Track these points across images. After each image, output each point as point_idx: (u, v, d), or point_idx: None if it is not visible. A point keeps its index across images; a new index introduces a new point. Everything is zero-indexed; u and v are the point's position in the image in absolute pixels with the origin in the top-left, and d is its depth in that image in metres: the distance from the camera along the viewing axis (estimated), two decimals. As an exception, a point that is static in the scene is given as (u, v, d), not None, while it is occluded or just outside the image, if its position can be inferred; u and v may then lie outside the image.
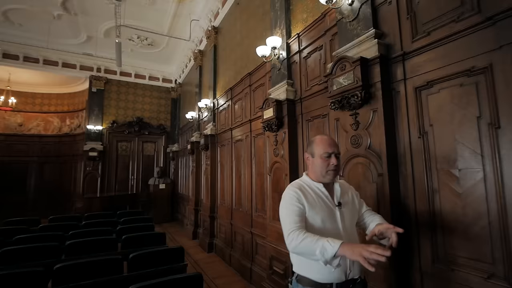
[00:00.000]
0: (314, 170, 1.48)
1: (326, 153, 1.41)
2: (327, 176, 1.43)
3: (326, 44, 2.67)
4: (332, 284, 1.29)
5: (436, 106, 1.72)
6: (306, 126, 2.91)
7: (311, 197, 1.40)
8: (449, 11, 1.66)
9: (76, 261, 2.17)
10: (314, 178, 1.48)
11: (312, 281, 1.31)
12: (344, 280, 1.29)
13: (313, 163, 1.47)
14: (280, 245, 2.99)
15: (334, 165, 1.41)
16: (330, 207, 1.41)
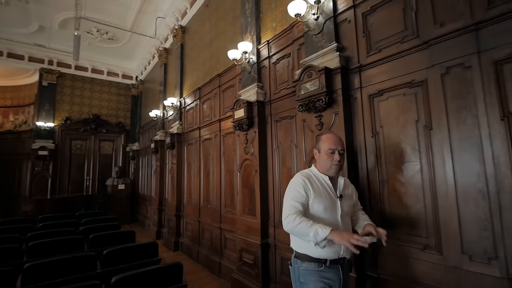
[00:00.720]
0: (321, 164, 1.66)
1: (330, 150, 1.60)
2: (331, 170, 1.61)
3: (294, 52, 2.95)
4: (326, 260, 1.52)
5: (385, 111, 2.07)
6: (274, 126, 3.16)
7: (317, 187, 1.59)
8: (396, 34, 2.03)
9: (49, 259, 2.11)
10: (321, 170, 1.66)
11: (310, 256, 1.53)
12: (337, 258, 1.53)
13: (320, 158, 1.66)
14: (250, 237, 3.20)
15: (337, 161, 1.59)
16: (333, 197, 1.60)
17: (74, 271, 2.22)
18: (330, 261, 1.52)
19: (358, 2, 2.28)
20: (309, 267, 1.53)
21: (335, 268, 1.53)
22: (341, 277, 1.55)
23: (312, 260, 1.52)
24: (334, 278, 1.53)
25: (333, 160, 1.59)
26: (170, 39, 6.81)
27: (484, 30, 1.59)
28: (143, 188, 8.57)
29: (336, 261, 1.54)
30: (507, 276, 1.43)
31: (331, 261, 1.52)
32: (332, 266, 1.53)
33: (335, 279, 1.53)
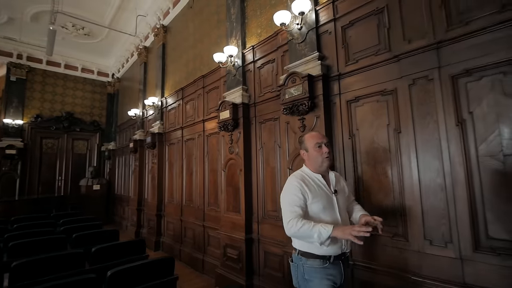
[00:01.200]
0: (311, 163, 1.68)
1: (317, 144, 1.63)
2: (323, 164, 1.63)
3: (278, 58, 3.13)
4: (331, 256, 1.55)
5: (361, 116, 2.32)
6: (259, 127, 3.32)
7: (313, 187, 1.61)
8: (371, 47, 2.28)
9: (37, 257, 2.11)
10: (313, 170, 1.68)
11: (314, 254, 1.55)
12: (340, 253, 1.57)
13: (309, 156, 1.68)
14: (234, 233, 3.34)
15: (327, 153, 1.62)
16: (329, 194, 1.63)
17: (63, 269, 2.23)
18: (333, 257, 1.55)
19: (338, 16, 2.51)
20: (314, 264, 1.55)
21: (337, 264, 1.57)
22: (342, 272, 1.59)
23: (317, 257, 1.55)
24: (336, 274, 1.57)
25: (323, 153, 1.62)
26: (151, 37, 6.75)
27: (444, 48, 1.86)
28: (119, 189, 8.36)
29: (338, 257, 1.57)
30: (459, 257, 1.71)
31: (334, 257, 1.55)
32: (335, 262, 1.56)
33: (337, 274, 1.57)
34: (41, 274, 2.08)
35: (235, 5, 3.76)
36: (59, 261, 2.26)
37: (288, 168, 2.72)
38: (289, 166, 2.71)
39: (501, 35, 1.64)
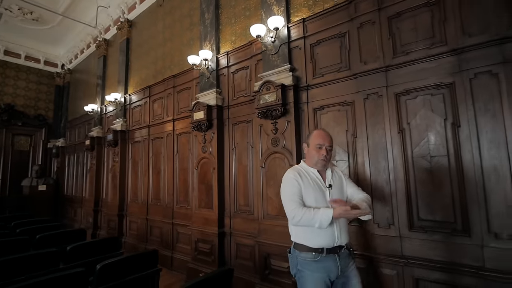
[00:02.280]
0: (309, 158, 1.77)
1: (318, 145, 1.69)
2: (318, 164, 1.71)
3: (252, 66, 3.41)
4: (323, 249, 1.58)
5: (325, 121, 2.72)
6: (232, 128, 3.56)
7: (306, 180, 1.68)
8: (334, 64, 2.69)
9: (9, 257, 2.06)
10: (309, 164, 1.76)
11: (307, 246, 1.61)
12: (332, 246, 1.59)
13: (308, 152, 1.77)
14: (207, 228, 3.52)
15: (323, 155, 1.67)
16: (322, 188, 1.68)
17: (36, 269, 2.20)
18: (326, 250, 1.58)
19: (307, 35, 2.89)
20: (307, 257, 1.60)
21: (331, 258, 1.59)
22: (338, 265, 1.59)
23: (310, 250, 1.60)
24: (331, 267, 1.59)
25: (320, 155, 1.68)
26: (113, 30, 6.48)
27: (390, 71, 2.34)
28: (70, 189, 7.80)
29: (332, 250, 1.59)
30: (399, 235, 2.19)
31: (327, 250, 1.58)
32: (329, 256, 1.58)
33: (332, 268, 1.59)
34: (13, 275, 2.04)
35: (210, 11, 3.94)
36: (31, 261, 2.22)
37: (261, 167, 3.02)
38: (262, 165, 3.01)
39: (430, 66, 2.16)
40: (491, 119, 1.91)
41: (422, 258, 2.07)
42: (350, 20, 2.60)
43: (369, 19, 2.48)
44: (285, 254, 2.65)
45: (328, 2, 2.79)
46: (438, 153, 2.10)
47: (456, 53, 2.05)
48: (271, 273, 2.81)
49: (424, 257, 2.07)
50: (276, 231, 2.80)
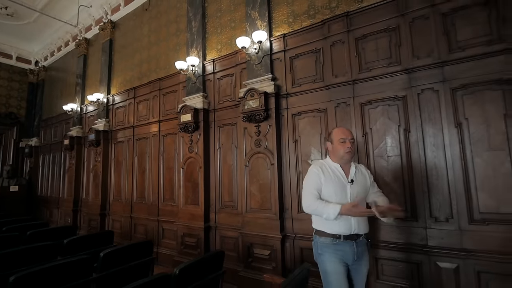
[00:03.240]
0: (334, 154, 1.89)
1: (342, 139, 1.83)
2: (344, 157, 1.83)
3: (237, 73, 3.73)
4: (341, 235, 1.75)
5: (302, 126, 3.10)
6: (218, 130, 3.85)
7: (328, 174, 1.84)
8: (310, 76, 3.09)
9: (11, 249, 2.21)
10: (334, 160, 1.90)
11: (326, 232, 1.79)
12: (349, 234, 1.75)
13: (333, 148, 1.89)
14: (193, 223, 3.78)
15: (349, 147, 1.80)
16: (343, 182, 1.81)
17: (37, 261, 2.36)
18: (344, 236, 1.75)
19: (287, 48, 3.26)
20: (326, 241, 1.79)
21: (349, 243, 1.75)
22: (355, 251, 1.75)
23: (328, 236, 1.78)
24: (348, 251, 1.75)
25: (346, 148, 1.81)
26: (94, 30, 6.48)
27: (357, 84, 2.77)
28: (45, 189, 7.62)
29: (350, 237, 1.75)
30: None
31: (344, 236, 1.75)
32: (346, 241, 1.75)
33: (348, 252, 1.75)
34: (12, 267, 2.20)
35: (197, 19, 4.20)
36: (29, 254, 2.36)
37: (245, 165, 3.34)
38: (246, 164, 3.33)
39: (388, 81, 2.61)
40: (433, 127, 2.38)
41: (383, 241, 2.49)
42: (324, 38, 3.00)
43: (340, 39, 2.90)
44: (267, 243, 3.02)
45: (305, 21, 3.19)
46: (393, 153, 2.55)
47: (408, 72, 2.52)
48: (254, 260, 3.14)
49: (385, 239, 2.50)
50: (259, 223, 3.14)
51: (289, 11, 3.33)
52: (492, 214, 2.14)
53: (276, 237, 2.98)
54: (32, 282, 1.72)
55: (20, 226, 3.41)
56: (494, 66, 2.19)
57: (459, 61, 2.31)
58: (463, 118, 2.28)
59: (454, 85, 2.32)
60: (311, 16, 3.15)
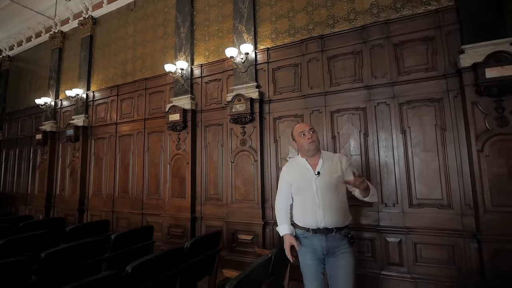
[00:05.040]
0: (301, 150, 1.90)
1: (300, 132, 1.86)
2: (310, 148, 1.82)
3: (224, 79, 4.14)
4: (309, 228, 1.78)
5: (282, 128, 3.62)
6: (204, 130, 4.22)
7: (295, 170, 1.89)
8: (290, 86, 3.62)
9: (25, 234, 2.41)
10: (303, 155, 1.91)
11: (298, 225, 1.85)
12: (316, 227, 1.75)
13: (298, 144, 1.90)
14: (180, 214, 4.11)
15: (309, 138, 1.81)
16: (309, 176, 1.80)
17: (43, 246, 2.57)
18: (312, 230, 1.76)
19: (270, 61, 3.76)
20: (299, 233, 1.85)
21: (318, 237, 1.75)
22: (323, 245, 1.74)
23: (300, 228, 1.83)
24: (316, 244, 1.75)
25: (307, 139, 1.82)
26: (72, 24, 6.40)
27: (328, 96, 3.35)
28: (8, 185, 7.31)
29: (319, 231, 1.74)
30: (330, 209, 3.19)
31: (313, 230, 1.76)
32: (315, 235, 1.75)
33: (317, 245, 1.75)
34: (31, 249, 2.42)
35: (185, 26, 4.52)
36: (33, 241, 2.56)
37: (230, 162, 3.77)
38: (232, 160, 3.77)
39: (352, 95, 3.22)
40: (385, 132, 3.04)
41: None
42: (302, 55, 3.55)
43: (315, 57, 3.47)
44: (250, 229, 3.49)
45: (286, 39, 3.71)
46: (356, 153, 3.17)
47: (368, 88, 3.15)
48: (238, 245, 3.59)
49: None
50: (243, 211, 3.59)
51: (272, 28, 3.83)
52: (425, 199, 2.84)
53: (259, 223, 3.46)
54: (59, 258, 2.00)
55: (8, 219, 3.48)
56: (429, 88, 2.90)
57: (405, 83, 2.99)
58: (407, 127, 2.96)
59: (401, 101, 3.00)
60: (291, 34, 3.69)
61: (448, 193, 2.76)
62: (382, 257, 2.91)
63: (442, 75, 2.87)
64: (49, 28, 6.90)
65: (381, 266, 2.90)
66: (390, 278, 2.84)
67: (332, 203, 1.74)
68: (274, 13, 3.84)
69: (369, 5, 3.28)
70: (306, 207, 1.79)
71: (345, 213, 1.81)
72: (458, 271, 2.64)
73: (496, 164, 2.52)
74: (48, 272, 1.90)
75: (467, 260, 2.61)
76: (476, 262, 2.57)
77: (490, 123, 2.57)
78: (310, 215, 1.76)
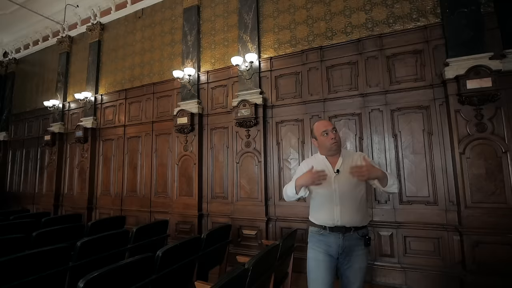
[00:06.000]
0: (322, 148, 1.84)
1: (324, 132, 1.78)
2: (332, 147, 1.76)
3: (229, 85, 4.43)
4: (326, 226, 1.72)
5: (284, 132, 3.91)
6: (210, 132, 4.50)
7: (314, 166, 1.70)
8: (291, 93, 3.91)
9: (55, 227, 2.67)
10: (322, 153, 1.85)
11: (313, 223, 1.81)
12: (333, 225, 1.69)
13: (319, 143, 1.84)
14: (187, 212, 4.38)
15: (332, 138, 1.74)
16: (328, 173, 1.68)
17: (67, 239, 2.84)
18: (329, 228, 1.71)
19: (273, 69, 4.06)
20: (313, 231, 1.81)
21: (334, 235, 1.70)
22: (340, 244, 1.68)
23: (316, 226, 1.78)
24: (332, 243, 1.70)
25: (330, 139, 1.76)
26: (80, 29, 6.64)
27: (327, 102, 3.65)
28: (16, 185, 7.49)
29: (336, 229, 1.69)
30: (328, 206, 3.50)
31: (330, 228, 1.71)
32: (332, 233, 1.71)
33: (332, 243, 1.70)
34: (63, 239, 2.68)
35: (192, 34, 4.80)
36: (60, 234, 2.82)
37: (236, 162, 4.06)
38: (237, 161, 4.05)
39: (349, 102, 3.53)
40: (378, 136, 3.35)
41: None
42: (303, 64, 3.85)
43: (315, 66, 3.78)
44: (254, 225, 3.78)
45: (288, 49, 4.01)
46: (351, 155, 3.47)
47: (362, 96, 3.46)
48: (243, 239, 3.87)
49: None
50: (247, 209, 3.88)
51: (275, 38, 4.13)
52: (413, 197, 3.15)
53: (262, 219, 3.75)
54: (91, 247, 2.27)
55: (28, 215, 3.72)
56: (418, 97, 3.22)
57: (396, 91, 3.31)
58: (398, 131, 3.28)
59: (392, 108, 3.32)
60: (293, 45, 3.99)
61: (434, 191, 3.08)
62: (375, 249, 3.22)
63: (429, 85, 3.19)
64: (56, 33, 7.13)
65: (374, 257, 3.21)
66: (382, 268, 3.15)
67: (351, 202, 1.71)
68: (277, 25, 4.14)
69: (364, 20, 3.59)
70: (323, 204, 1.75)
71: (364, 213, 1.76)
72: (442, 260, 2.95)
73: (475, 165, 2.84)
74: (82, 258, 2.17)
75: (451, 250, 2.93)
76: (458, 253, 2.89)
77: (470, 128, 2.89)
78: (327, 213, 1.72)
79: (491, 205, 2.75)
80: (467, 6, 3.00)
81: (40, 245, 2.42)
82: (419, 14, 3.33)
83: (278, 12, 4.15)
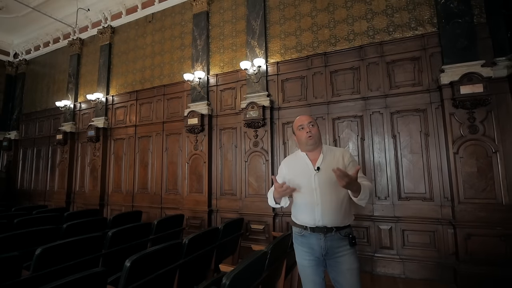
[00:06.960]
0: (299, 144, 1.79)
1: (299, 126, 1.74)
2: (308, 142, 1.70)
3: (237, 88, 4.67)
4: (306, 226, 1.66)
5: (290, 132, 4.15)
6: (219, 133, 4.75)
7: (294, 164, 1.75)
8: (297, 96, 4.16)
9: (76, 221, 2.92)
10: (302, 149, 1.79)
11: (295, 223, 1.75)
12: (314, 225, 1.63)
13: (297, 138, 1.79)
14: (198, 207, 4.63)
15: (307, 132, 1.68)
16: (309, 171, 1.67)
17: (94, 230, 3.08)
18: (310, 228, 1.65)
19: (280, 73, 4.30)
20: (296, 231, 1.75)
21: (316, 236, 1.63)
22: (322, 245, 1.62)
23: (298, 226, 1.73)
24: (314, 244, 1.64)
25: (305, 133, 1.69)
26: (91, 32, 6.87)
27: (330, 105, 3.90)
28: (27, 183, 7.73)
29: (317, 229, 1.63)
30: (331, 202, 3.75)
31: (311, 228, 1.65)
32: (313, 233, 1.64)
33: (314, 244, 1.64)
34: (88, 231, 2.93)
35: (202, 39, 5.04)
36: (84, 227, 3.06)
37: (244, 161, 4.31)
38: (245, 160, 4.30)
39: (351, 104, 3.78)
40: (379, 137, 3.60)
41: (343, 214, 3.65)
42: (308, 69, 4.10)
43: (319, 71, 4.02)
44: (261, 220, 4.03)
45: (294, 54, 4.25)
46: (354, 154, 3.72)
47: (364, 99, 3.71)
48: (251, 234, 4.12)
49: (344, 213, 3.65)
50: (255, 204, 4.13)
51: (281, 44, 4.37)
52: (411, 193, 3.40)
53: (269, 214, 4.00)
54: (120, 237, 2.52)
55: (46, 210, 3.96)
56: (415, 100, 3.46)
57: (395, 95, 3.55)
58: (397, 132, 3.52)
59: (392, 110, 3.56)
60: (298, 50, 4.23)
61: (430, 188, 3.33)
62: (375, 242, 3.47)
63: (426, 89, 3.43)
64: (67, 35, 7.36)
65: (374, 249, 3.46)
66: (382, 259, 3.40)
67: (332, 201, 1.62)
68: (283, 31, 4.38)
69: (366, 28, 3.84)
70: (304, 204, 1.67)
71: (346, 212, 1.66)
72: (437, 252, 3.21)
73: (468, 164, 3.09)
74: (113, 247, 2.42)
75: (445, 243, 3.18)
76: (452, 244, 3.14)
77: (464, 130, 3.14)
78: (307, 213, 1.65)
79: (482, 201, 3.00)
80: (462, 17, 3.24)
81: (69, 235, 2.66)
82: (417, 23, 3.57)
83: (285, 19, 4.39)
